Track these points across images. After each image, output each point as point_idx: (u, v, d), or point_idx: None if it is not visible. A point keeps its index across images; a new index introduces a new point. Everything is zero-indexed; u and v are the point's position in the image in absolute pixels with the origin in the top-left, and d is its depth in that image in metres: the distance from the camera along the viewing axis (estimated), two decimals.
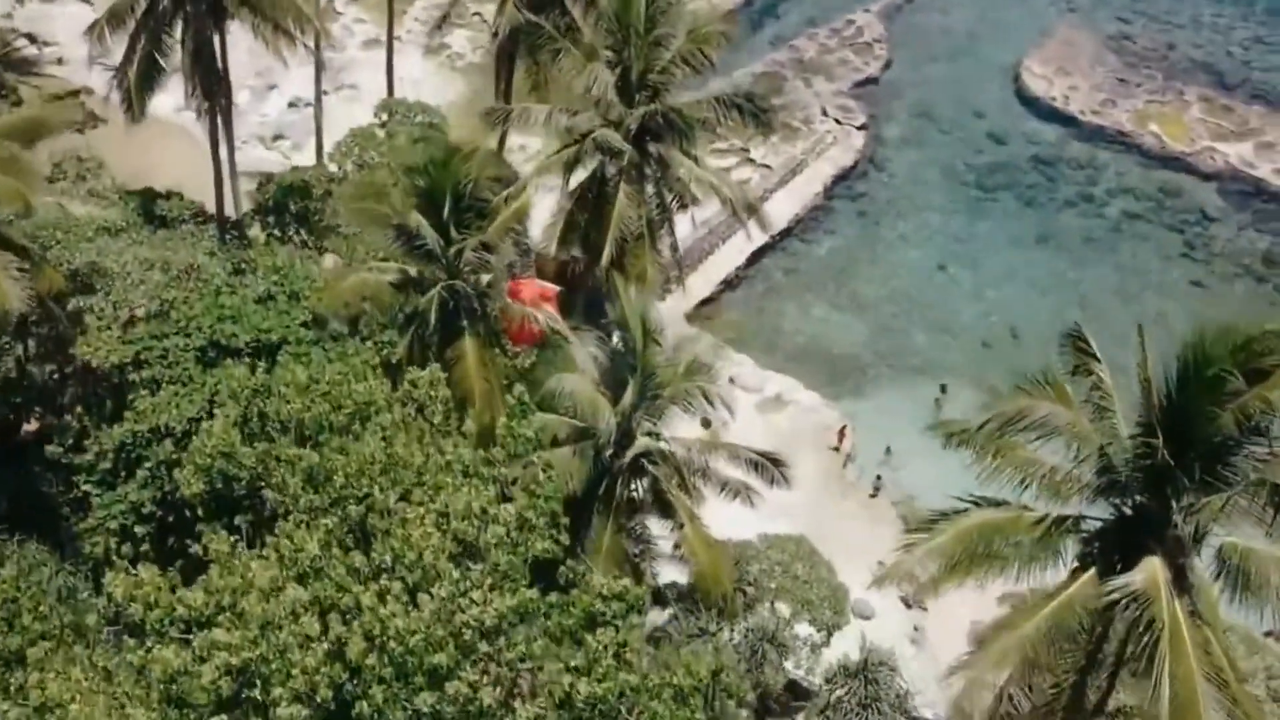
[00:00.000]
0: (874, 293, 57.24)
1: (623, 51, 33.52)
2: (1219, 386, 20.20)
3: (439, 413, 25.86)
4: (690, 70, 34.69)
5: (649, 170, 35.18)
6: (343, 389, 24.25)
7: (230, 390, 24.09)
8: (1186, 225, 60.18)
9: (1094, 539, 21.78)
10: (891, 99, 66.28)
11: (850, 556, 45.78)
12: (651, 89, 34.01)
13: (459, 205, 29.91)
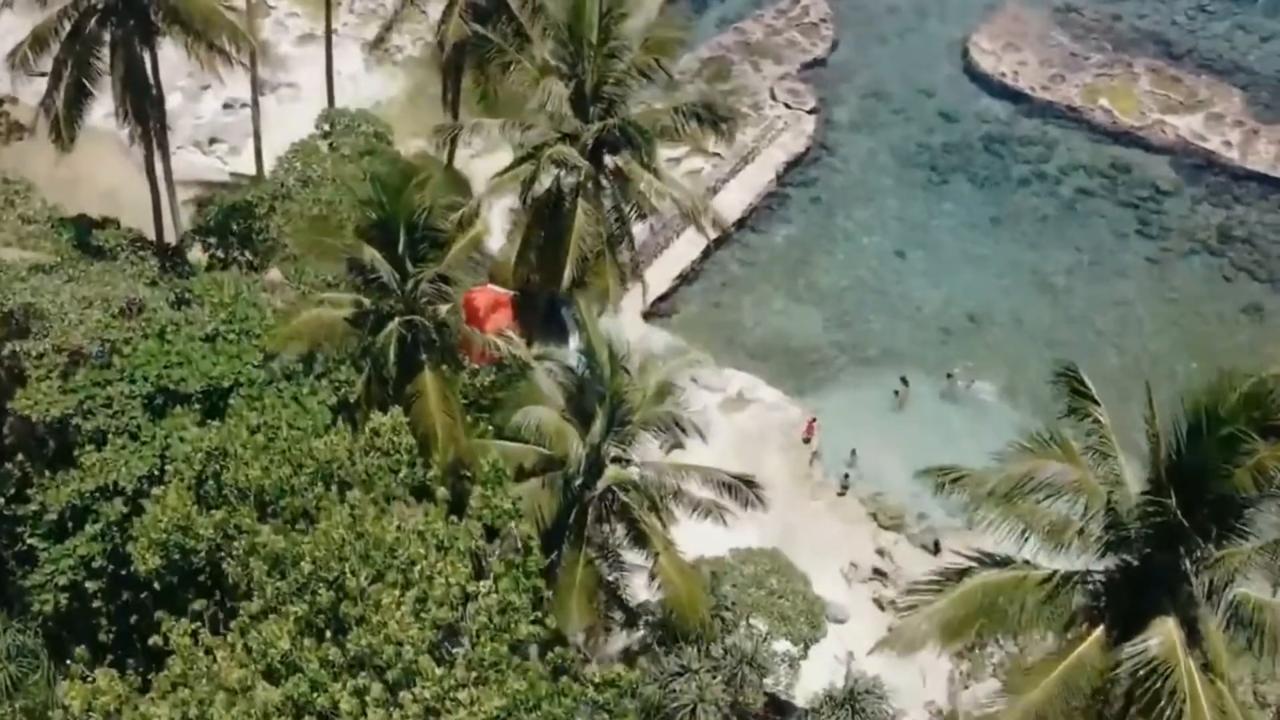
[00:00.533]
0: (831, 282, 56.50)
1: (576, 64, 32.30)
2: (1233, 446, 19.47)
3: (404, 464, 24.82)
4: (646, 80, 33.53)
5: (607, 183, 34.07)
6: (302, 446, 23.07)
7: (184, 454, 22.75)
8: (1140, 201, 59.83)
9: (1102, 595, 21.09)
10: (840, 80, 65.33)
11: (821, 557, 45.23)
12: (607, 101, 32.83)
13: (414, 236, 28.64)
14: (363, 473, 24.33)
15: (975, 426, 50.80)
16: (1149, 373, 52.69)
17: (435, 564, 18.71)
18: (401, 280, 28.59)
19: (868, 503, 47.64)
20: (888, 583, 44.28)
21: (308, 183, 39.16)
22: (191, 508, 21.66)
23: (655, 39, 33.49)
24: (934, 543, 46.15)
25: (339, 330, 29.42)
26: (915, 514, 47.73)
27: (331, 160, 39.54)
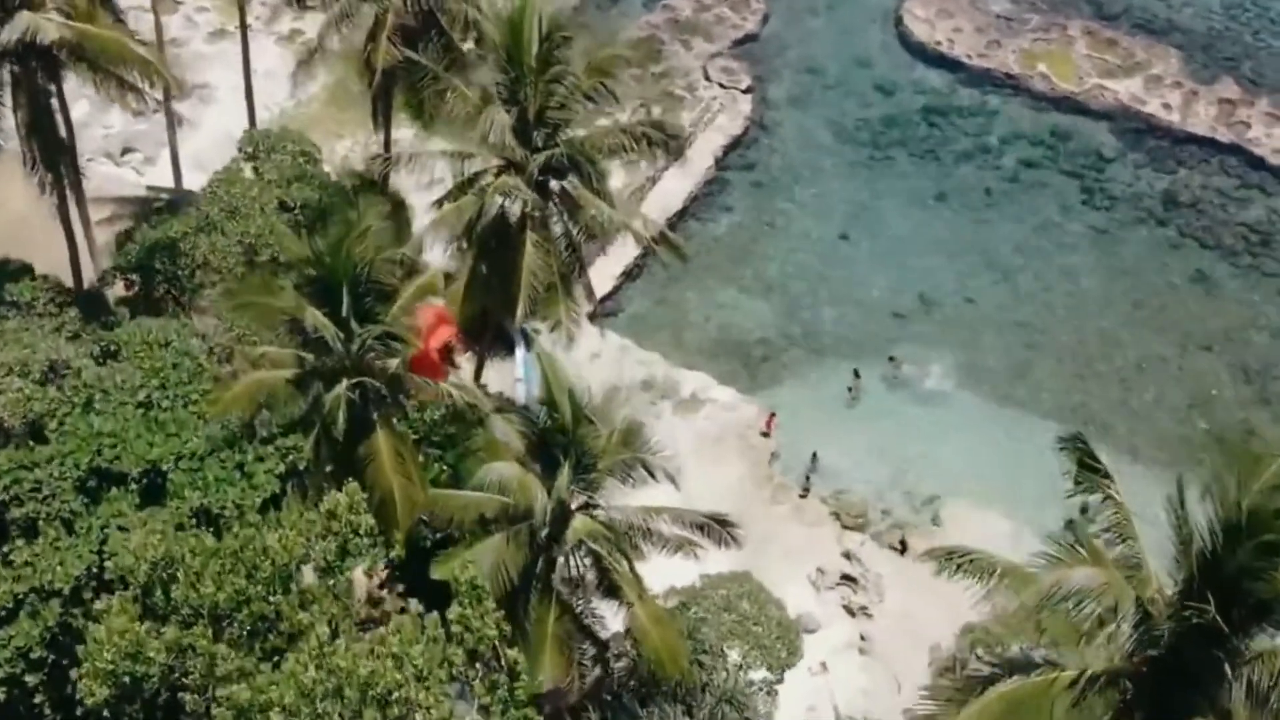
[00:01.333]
0: (778, 270, 55.17)
1: (517, 90, 30.44)
2: (1273, 551, 18.36)
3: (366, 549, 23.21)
4: (593, 105, 31.75)
5: (555, 209, 32.35)
6: (255, 547, 21.35)
7: (126, 566, 20.94)
8: (1084, 170, 59.00)
9: (1133, 695, 20.04)
10: (774, 56, 63.66)
11: (788, 564, 44.31)
12: (551, 126, 31.01)
13: (357, 291, 26.79)
14: (321, 559, 22.71)
15: (933, 416, 50.02)
16: (1097, 347, 52.40)
17: (415, 695, 17.21)
18: (347, 340, 26.78)
19: (830, 502, 46.65)
20: (857, 588, 43.37)
21: (234, 213, 36.94)
22: (140, 628, 19.90)
23: (598, 60, 31.69)
24: (900, 541, 45.30)
25: (282, 392, 27.59)
26: (879, 510, 46.87)
27: (258, 188, 37.30)
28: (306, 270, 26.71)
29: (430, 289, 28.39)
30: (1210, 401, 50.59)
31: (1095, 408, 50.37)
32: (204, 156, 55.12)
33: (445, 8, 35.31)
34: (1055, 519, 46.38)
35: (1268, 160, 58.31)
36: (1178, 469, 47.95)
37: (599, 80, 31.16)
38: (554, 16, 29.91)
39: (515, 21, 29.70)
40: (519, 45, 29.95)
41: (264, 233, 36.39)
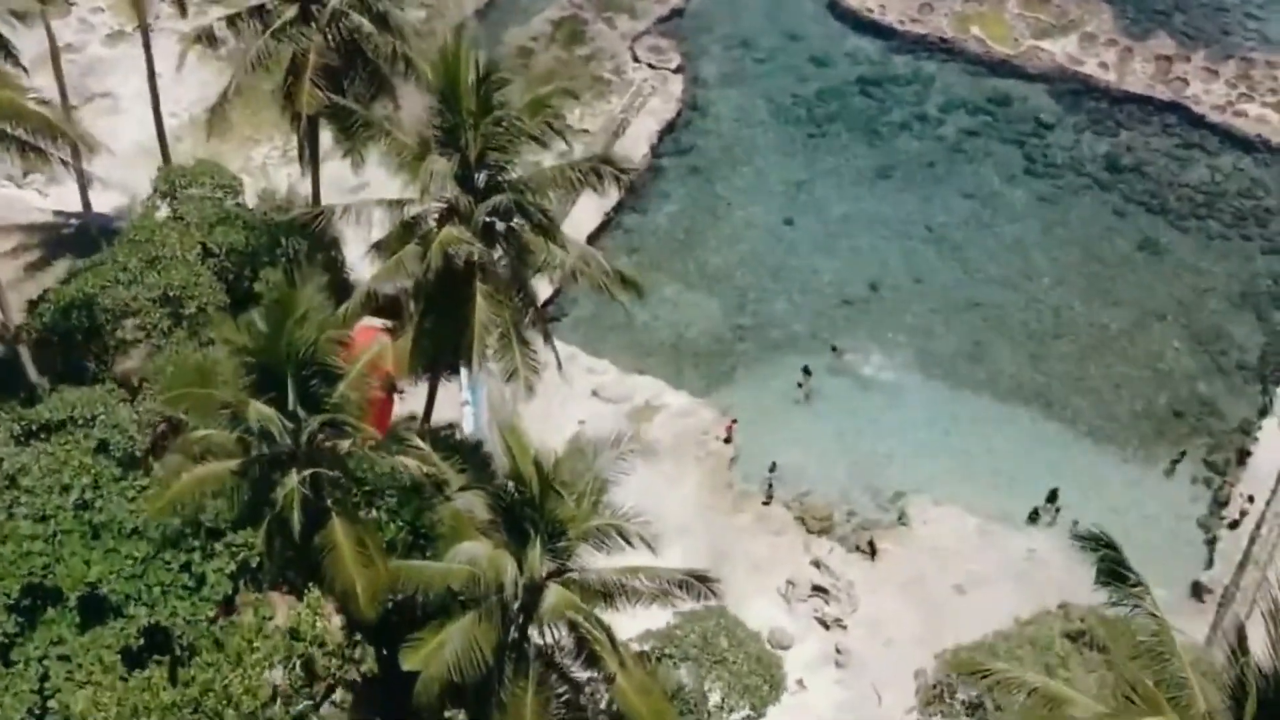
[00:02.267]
0: (723, 261, 53.51)
1: (457, 135, 28.32)
2: None
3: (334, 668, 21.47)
4: (538, 145, 29.69)
5: (503, 252, 30.40)
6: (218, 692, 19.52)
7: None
8: (1024, 137, 57.87)
9: None
10: (702, 31, 61.61)
11: (757, 577, 43.19)
12: (495, 168, 28.96)
13: (303, 377, 24.79)
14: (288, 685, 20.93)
15: (890, 407, 48.91)
16: (1052, 324, 51.53)
17: None
18: (295, 432, 24.80)
19: (793, 507, 45.43)
20: (829, 599, 42.27)
21: (154, 263, 34.49)
22: None
23: (539, 99, 29.59)
24: (869, 543, 44.26)
25: (227, 484, 25.58)
26: (844, 511, 45.78)
27: (178, 234, 34.83)
28: (247, 358, 24.60)
29: (379, 361, 26.41)
30: (1168, 374, 49.92)
31: (1054, 389, 49.53)
32: (112, 174, 52.18)
33: (371, 42, 32.94)
34: (1021, 508, 45.85)
35: (1207, 118, 57.55)
36: (1142, 448, 48.01)
37: (545, 120, 29.11)
38: (490, 57, 27.80)
39: (450, 65, 27.57)
40: (455, 89, 27.84)
41: (189, 283, 34.02)
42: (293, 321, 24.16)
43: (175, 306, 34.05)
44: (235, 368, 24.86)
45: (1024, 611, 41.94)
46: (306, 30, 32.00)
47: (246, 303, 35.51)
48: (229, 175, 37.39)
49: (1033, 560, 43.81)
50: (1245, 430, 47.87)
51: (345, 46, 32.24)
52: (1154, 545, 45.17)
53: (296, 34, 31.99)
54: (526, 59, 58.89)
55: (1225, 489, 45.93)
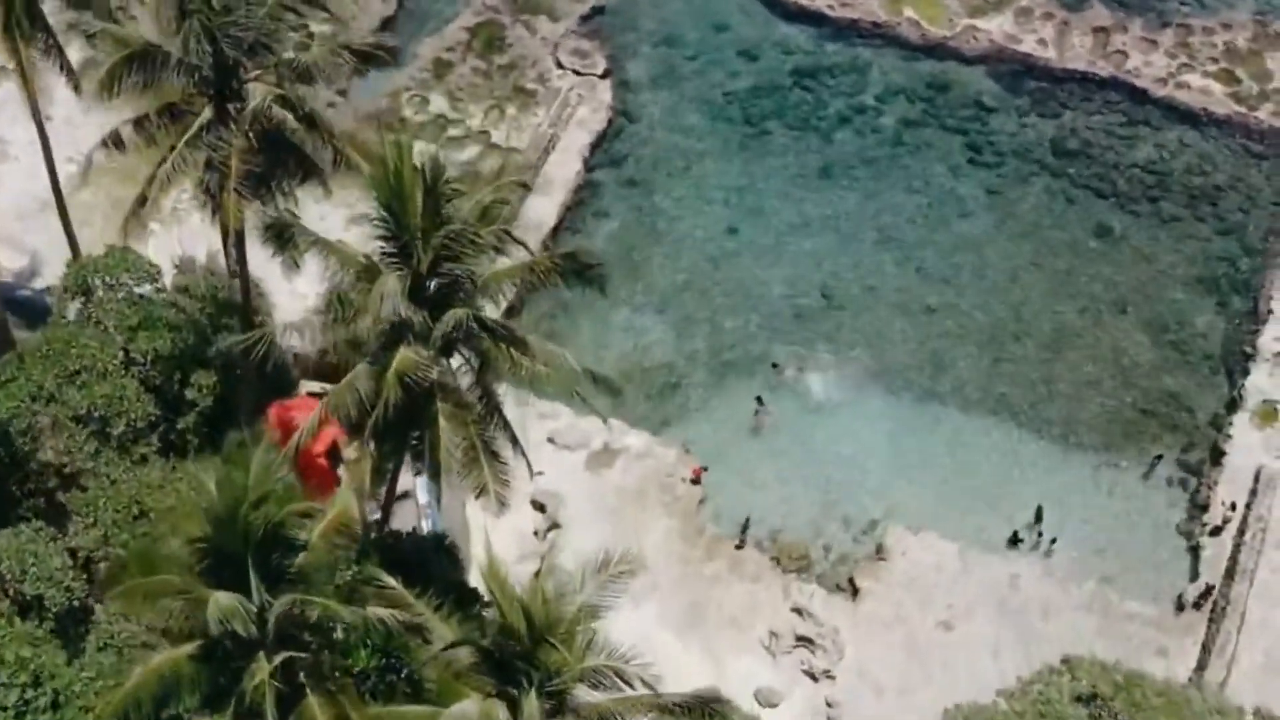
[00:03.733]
0: (669, 281, 51.22)
1: (407, 251, 25.68)
2: None
3: None
4: (494, 253, 27.08)
5: (464, 361, 27.92)
6: None
7: None
8: (967, 124, 55.98)
9: None
10: (626, 29, 58.70)
11: (737, 630, 41.63)
12: (449, 278, 26.34)
13: (263, 556, 22.29)
14: None
15: (853, 428, 47.25)
16: (1012, 325, 50.14)
17: None
18: (260, 615, 22.33)
19: (767, 548, 43.70)
20: (815, 649, 40.67)
21: (74, 377, 31.45)
22: None
23: (492, 207, 26.94)
24: (849, 581, 42.70)
25: (186, 673, 23.05)
26: (819, 547, 44.19)
27: (97, 344, 31.78)
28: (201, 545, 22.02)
29: (344, 519, 23.94)
30: (1133, 371, 48.72)
31: (1019, 396, 48.15)
32: (4, 227, 48.53)
33: (297, 136, 29.92)
34: (998, 529, 44.60)
35: (1150, 92, 56.06)
36: (1114, 452, 46.85)
37: (501, 229, 26.55)
38: (438, 165, 25.14)
39: (395, 176, 24.87)
40: (403, 204, 25.19)
41: (114, 399, 31.10)
42: (249, 506, 21.60)
43: (101, 425, 31.11)
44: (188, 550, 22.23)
45: (1009, 644, 41.09)
46: (226, 133, 28.95)
47: (178, 411, 32.72)
48: (145, 264, 34.21)
49: (1015, 587, 42.57)
50: (1216, 426, 46.90)
51: (269, 142, 29.25)
52: (1135, 556, 44.42)
53: (215, 140, 28.92)
54: (444, 73, 55.76)
55: (1203, 492, 44.95)
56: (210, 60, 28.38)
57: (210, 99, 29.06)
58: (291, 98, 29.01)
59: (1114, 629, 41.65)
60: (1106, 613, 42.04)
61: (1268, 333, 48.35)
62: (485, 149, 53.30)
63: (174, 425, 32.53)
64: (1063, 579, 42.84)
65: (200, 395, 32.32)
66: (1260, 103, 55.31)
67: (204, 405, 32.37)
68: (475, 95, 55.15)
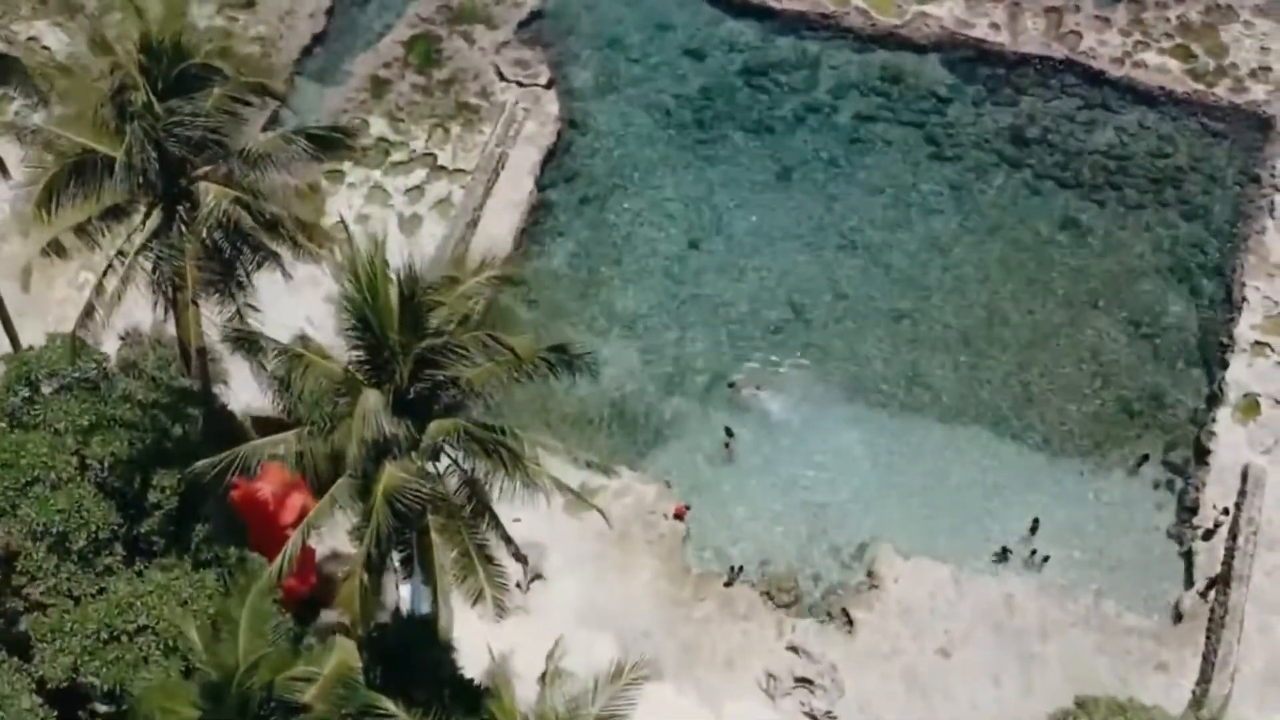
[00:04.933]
0: (632, 302, 49.55)
1: (386, 363, 23.83)
2: None
3: None
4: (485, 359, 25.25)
5: (453, 464, 26.21)
6: None
7: None
8: (923, 116, 54.57)
9: None
10: (566, 33, 56.52)
11: (732, 673, 40.58)
12: (431, 383, 24.55)
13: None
14: None
15: (831, 446, 46.14)
16: (985, 328, 49.13)
17: None
18: None
19: (756, 583, 42.50)
20: (814, 688, 39.63)
21: (29, 488, 29.26)
22: None
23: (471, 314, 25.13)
24: (842, 612, 41.64)
25: None
26: (808, 577, 43.06)
27: (48, 449, 29.54)
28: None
29: (344, 672, 22.24)
30: (1111, 368, 47.90)
31: (998, 403, 47.16)
32: None
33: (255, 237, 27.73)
34: (987, 545, 43.75)
35: (1107, 73, 54.91)
36: (1098, 456, 46.07)
37: (487, 334, 24.74)
38: (413, 273, 23.26)
39: (369, 286, 22.99)
40: (380, 317, 23.33)
41: (72, 512, 29.02)
42: (242, 674, 19.86)
43: (60, 540, 29.02)
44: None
45: (1010, 669, 40.31)
46: (178, 239, 26.72)
47: (141, 514, 30.70)
48: (92, 354, 31.84)
49: (1011, 607, 41.75)
50: (1198, 422, 46.22)
51: (225, 241, 27.08)
52: (1127, 564, 43.80)
53: (167, 249, 26.67)
54: (382, 92, 53.37)
55: (1191, 493, 44.32)
56: (156, 166, 26.16)
57: (157, 202, 26.81)
58: (247, 199, 26.87)
59: (1113, 645, 41.01)
60: (1104, 628, 41.35)
61: (1243, 321, 47.63)
62: (432, 172, 51.17)
63: (136, 529, 30.45)
64: (1058, 595, 42.07)
65: (164, 497, 30.25)
66: (1218, 79, 54.38)
67: (168, 507, 30.31)
68: (416, 115, 52.87)
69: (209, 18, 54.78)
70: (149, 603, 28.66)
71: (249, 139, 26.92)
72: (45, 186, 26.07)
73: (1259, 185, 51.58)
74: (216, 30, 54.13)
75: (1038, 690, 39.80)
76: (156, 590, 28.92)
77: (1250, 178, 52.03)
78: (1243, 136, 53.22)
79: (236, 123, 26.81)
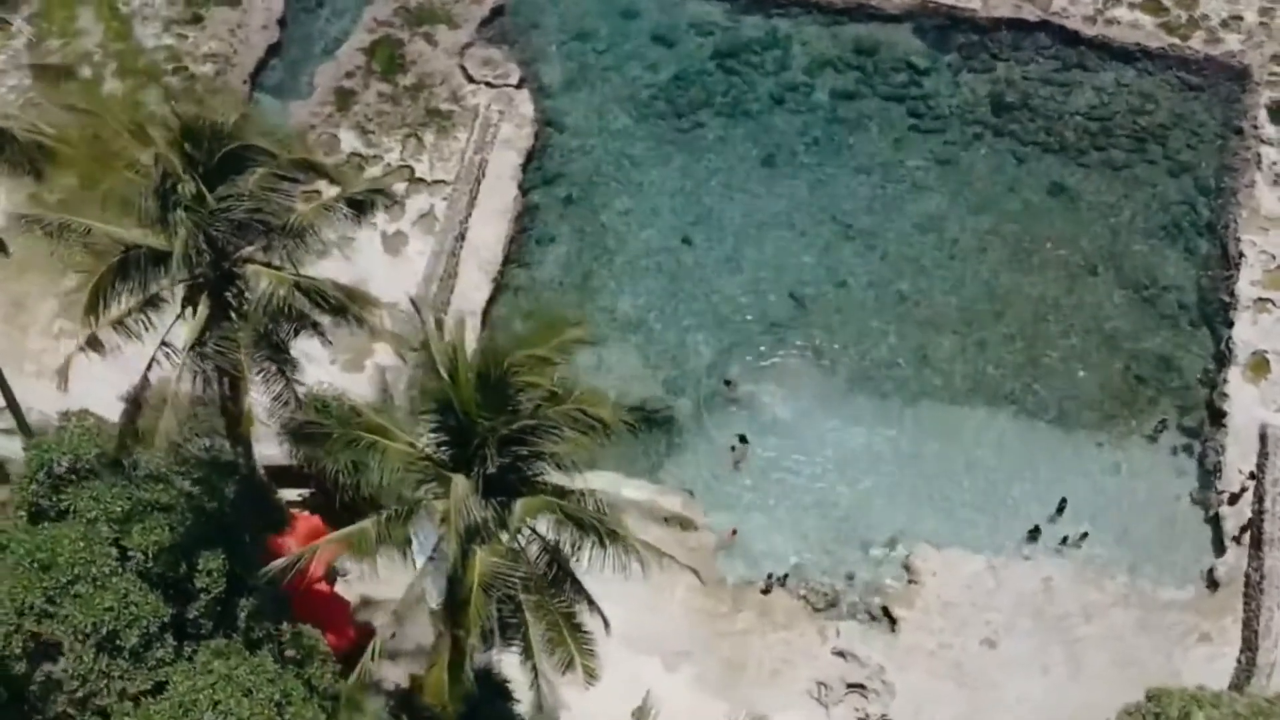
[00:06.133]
0: (630, 304, 48.43)
1: (469, 447, 22.53)
2: None
3: None
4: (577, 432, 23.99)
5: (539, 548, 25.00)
6: None
7: None
8: (902, 90, 53.63)
9: None
10: (530, 28, 54.73)
11: (781, 684, 40.13)
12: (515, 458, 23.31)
13: None
14: None
15: (849, 440, 45.57)
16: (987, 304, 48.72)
17: None
18: None
19: (792, 589, 41.91)
20: (866, 693, 39.20)
21: (70, 587, 27.62)
22: None
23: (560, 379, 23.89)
24: (883, 611, 41.23)
25: None
26: (843, 578, 42.53)
27: (85, 543, 27.89)
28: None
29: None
30: (1116, 336, 47.72)
31: (1008, 379, 46.83)
32: None
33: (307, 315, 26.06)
34: (1014, 529, 43.52)
35: (1081, 33, 54.31)
36: (1114, 426, 45.93)
37: (579, 408, 23.53)
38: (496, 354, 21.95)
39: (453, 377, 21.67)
40: (463, 401, 22.03)
41: (121, 610, 27.49)
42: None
43: (109, 638, 27.50)
44: None
45: (1056, 656, 40.11)
46: (229, 329, 25.04)
47: (187, 600, 29.26)
48: (109, 429, 30.15)
49: (1050, 591, 41.58)
50: (1209, 383, 46.24)
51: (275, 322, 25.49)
52: (1155, 534, 43.83)
53: (221, 344, 24.88)
54: (348, 103, 51.38)
55: (1210, 456, 44.34)
56: (209, 256, 24.45)
57: (203, 290, 24.97)
58: (302, 280, 25.29)
59: (1154, 621, 41.04)
60: (1144, 604, 41.36)
61: (1243, 278, 47.61)
62: (410, 185, 49.38)
63: (184, 615, 28.99)
64: (1095, 576, 41.96)
65: (211, 580, 28.77)
66: (1191, 31, 54.04)
67: (216, 591, 28.86)
68: (387, 125, 50.97)
69: (156, 36, 52.25)
70: (213, 696, 27.33)
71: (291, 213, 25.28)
72: (93, 290, 24.24)
73: (1242, 137, 51.46)
74: (165, 50, 51.88)
75: (1085, 675, 39.71)
76: (219, 682, 27.56)
77: (1233, 130, 51.89)
78: (1220, 88, 53.00)
79: (281, 200, 25.17)
